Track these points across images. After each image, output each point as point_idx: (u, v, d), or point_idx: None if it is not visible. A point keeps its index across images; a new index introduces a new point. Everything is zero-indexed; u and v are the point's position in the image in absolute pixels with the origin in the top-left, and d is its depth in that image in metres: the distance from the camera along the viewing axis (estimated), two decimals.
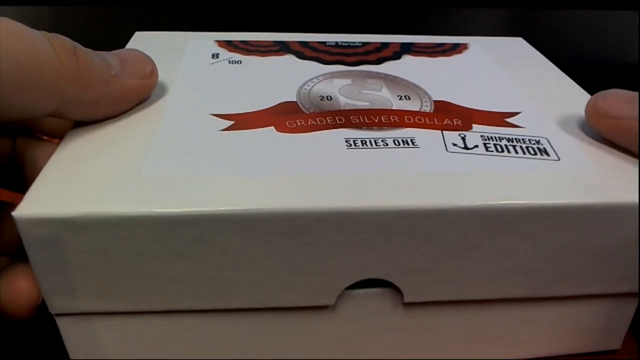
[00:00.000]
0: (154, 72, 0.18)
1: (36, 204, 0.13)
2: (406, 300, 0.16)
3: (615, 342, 0.19)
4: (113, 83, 0.16)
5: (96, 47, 0.17)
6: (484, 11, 0.52)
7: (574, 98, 0.20)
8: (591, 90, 0.21)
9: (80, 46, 0.15)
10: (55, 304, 0.15)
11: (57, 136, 0.19)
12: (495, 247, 0.15)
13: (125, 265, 0.14)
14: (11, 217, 0.18)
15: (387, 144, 0.16)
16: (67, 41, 0.15)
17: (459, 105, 0.19)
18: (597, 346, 0.19)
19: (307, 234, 0.14)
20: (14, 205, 0.19)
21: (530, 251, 0.15)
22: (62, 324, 0.16)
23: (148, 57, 0.18)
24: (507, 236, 0.15)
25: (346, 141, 0.16)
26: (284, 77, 0.20)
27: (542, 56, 0.24)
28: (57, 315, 0.15)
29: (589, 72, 0.21)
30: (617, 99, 0.17)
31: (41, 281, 0.14)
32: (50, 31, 0.16)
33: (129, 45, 0.22)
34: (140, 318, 0.16)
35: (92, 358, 0.16)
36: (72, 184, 0.14)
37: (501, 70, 0.22)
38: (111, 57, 0.17)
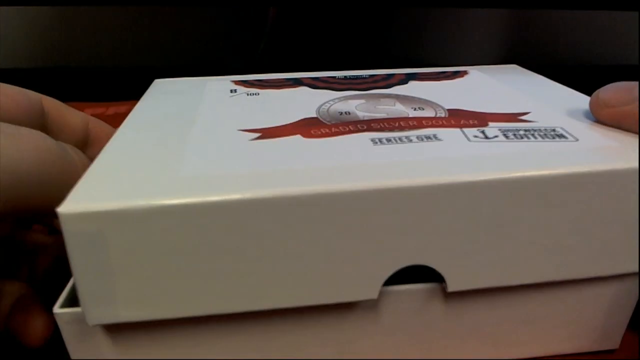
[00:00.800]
0: None
1: (80, 200, 0.14)
2: (450, 289, 0.16)
3: (613, 342, 0.19)
4: None
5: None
6: (483, 12, 0.53)
7: (576, 99, 0.21)
8: (591, 91, 0.22)
9: (88, 159, 0.17)
10: (93, 313, 0.14)
11: None
12: (532, 221, 0.15)
13: (169, 262, 0.14)
14: (43, 254, 0.19)
15: (411, 140, 0.17)
16: (82, 155, 0.17)
17: (472, 111, 0.20)
18: (596, 346, 0.19)
19: (343, 216, 0.14)
20: (50, 245, 0.20)
21: (566, 224, 0.15)
22: (63, 324, 0.15)
23: None
24: (543, 207, 0.15)
25: (372, 140, 0.17)
26: (301, 102, 0.22)
27: (538, 75, 0.25)
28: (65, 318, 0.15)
29: (589, 72, 0.22)
30: (616, 90, 0.18)
31: (81, 286, 0.14)
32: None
33: (148, 93, 0.24)
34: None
35: (92, 358, 0.16)
36: (115, 184, 0.14)
37: (503, 86, 0.23)
38: None
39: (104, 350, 0.16)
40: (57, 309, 0.15)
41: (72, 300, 0.16)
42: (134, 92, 0.48)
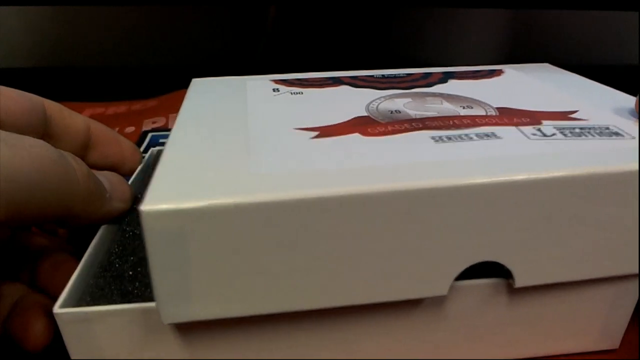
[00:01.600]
0: (131, 197, 0.21)
1: (161, 198, 0.14)
2: (517, 284, 0.16)
3: (613, 342, 0.20)
4: (106, 204, 0.19)
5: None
6: (484, 11, 0.53)
7: (615, 97, 0.21)
8: None
9: (89, 169, 0.18)
10: (169, 312, 0.15)
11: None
12: (599, 218, 0.15)
13: (247, 259, 0.14)
14: (49, 259, 0.19)
15: (471, 138, 0.17)
16: (83, 165, 0.17)
17: (521, 109, 0.20)
18: (596, 345, 0.20)
19: (417, 213, 0.14)
20: (50, 249, 0.20)
21: (622, 219, 0.16)
22: (63, 323, 0.15)
23: (127, 183, 0.21)
24: (611, 205, 0.15)
25: (432, 138, 0.17)
26: (346, 100, 0.22)
27: (571, 73, 0.26)
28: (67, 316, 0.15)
29: (589, 72, 0.22)
30: None
31: (158, 285, 0.14)
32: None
33: (191, 92, 0.23)
34: (140, 317, 0.16)
35: (92, 358, 0.16)
36: (190, 182, 0.14)
37: (542, 84, 0.24)
38: (103, 179, 0.19)
39: (104, 350, 0.16)
40: (57, 309, 0.15)
41: (72, 300, 0.16)
42: (133, 92, 0.48)
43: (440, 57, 0.58)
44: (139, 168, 0.24)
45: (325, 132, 0.18)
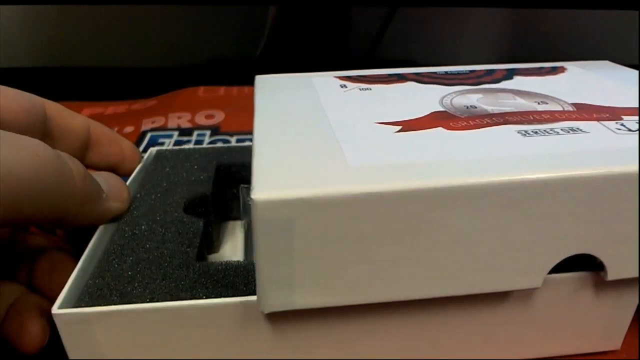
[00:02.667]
0: (128, 197, 0.21)
1: (270, 188, 0.14)
2: (610, 277, 0.16)
3: (615, 343, 0.20)
4: (103, 205, 0.19)
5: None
6: (484, 11, 0.53)
7: None
8: None
9: (85, 169, 0.18)
10: (271, 301, 0.15)
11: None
12: None
13: (349, 249, 0.14)
14: (47, 259, 0.20)
15: (557, 133, 0.17)
16: (79, 165, 0.17)
17: (598, 105, 0.20)
18: (597, 346, 0.20)
19: (515, 205, 0.15)
20: (48, 249, 0.20)
21: None
22: (61, 324, 0.16)
23: (124, 183, 0.21)
24: None
25: (519, 132, 0.17)
26: (417, 96, 0.22)
27: (632, 70, 0.26)
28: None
29: None
30: None
31: (263, 273, 0.14)
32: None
33: (260, 89, 0.24)
34: (139, 317, 0.16)
35: (91, 358, 0.16)
36: (292, 174, 0.15)
37: (609, 80, 0.24)
38: (100, 179, 0.19)
39: (103, 350, 0.16)
40: (55, 310, 0.15)
41: (71, 301, 0.16)
42: (132, 92, 0.49)
43: (440, 57, 0.58)
44: (138, 168, 0.24)
45: (408, 126, 0.18)
